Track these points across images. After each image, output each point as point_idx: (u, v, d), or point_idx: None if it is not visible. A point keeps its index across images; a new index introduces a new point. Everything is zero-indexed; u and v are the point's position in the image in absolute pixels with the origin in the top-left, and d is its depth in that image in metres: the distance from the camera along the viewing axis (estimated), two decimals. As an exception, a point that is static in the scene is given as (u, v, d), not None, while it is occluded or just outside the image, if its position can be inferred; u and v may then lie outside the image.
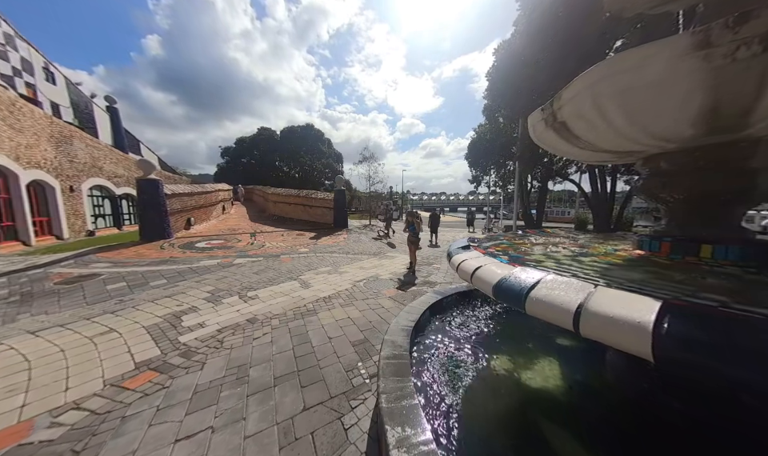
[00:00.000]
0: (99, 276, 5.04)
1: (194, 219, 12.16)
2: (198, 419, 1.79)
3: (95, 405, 1.92)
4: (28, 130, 8.99)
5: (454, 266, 1.64)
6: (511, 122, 14.30)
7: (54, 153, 10.09)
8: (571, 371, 1.90)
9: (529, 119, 1.65)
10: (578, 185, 14.69)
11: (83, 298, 3.99)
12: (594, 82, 1.12)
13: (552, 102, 1.36)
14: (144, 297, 4.06)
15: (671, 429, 1.31)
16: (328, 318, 3.40)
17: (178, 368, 2.35)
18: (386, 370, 1.72)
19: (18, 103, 8.76)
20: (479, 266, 1.32)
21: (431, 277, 5.47)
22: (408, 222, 6.07)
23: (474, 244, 1.92)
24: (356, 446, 1.58)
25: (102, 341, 2.80)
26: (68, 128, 11.19)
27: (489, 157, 17.62)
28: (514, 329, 2.63)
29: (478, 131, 18.14)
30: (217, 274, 5.33)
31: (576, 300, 0.81)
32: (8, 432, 1.69)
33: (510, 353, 2.17)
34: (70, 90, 16.39)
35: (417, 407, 1.34)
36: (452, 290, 3.34)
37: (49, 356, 2.53)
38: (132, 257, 6.63)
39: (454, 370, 1.94)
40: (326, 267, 6.02)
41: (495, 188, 22.25)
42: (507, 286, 1.03)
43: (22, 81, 13.49)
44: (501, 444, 1.41)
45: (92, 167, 12.12)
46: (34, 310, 3.60)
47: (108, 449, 1.57)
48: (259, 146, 36.42)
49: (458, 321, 2.78)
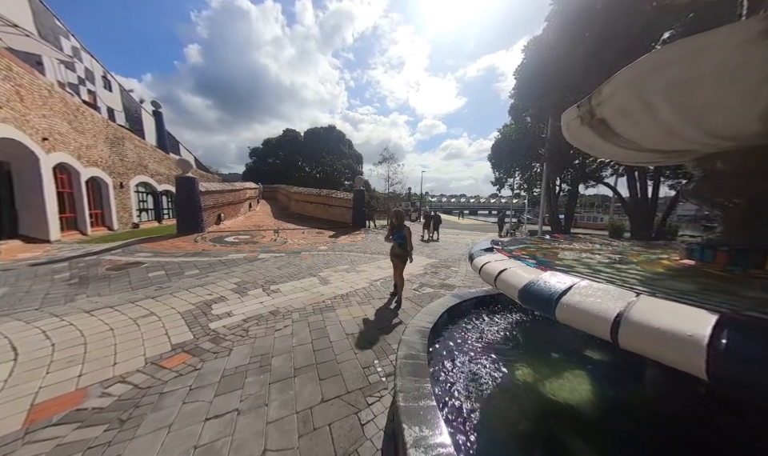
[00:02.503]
0: (142, 264, 5.55)
1: (223, 215, 12.98)
2: (226, 401, 1.90)
3: (138, 380, 2.12)
4: (88, 132, 10.15)
5: (476, 268, 1.59)
6: (540, 121, 13.60)
7: (109, 152, 11.29)
8: (601, 385, 1.77)
9: (562, 117, 1.56)
10: (614, 189, 13.60)
11: (129, 284, 4.42)
12: (640, 74, 1.03)
13: (590, 97, 1.28)
14: (179, 285, 4.41)
15: (716, 453, 1.17)
16: (345, 315, 3.46)
17: (208, 352, 2.52)
18: (403, 370, 1.72)
19: (81, 108, 9.93)
20: (504, 268, 1.27)
21: (449, 280, 5.36)
22: (391, 224, 3.89)
23: (498, 247, 1.85)
24: (372, 442, 1.59)
25: (144, 323, 3.09)
26: (120, 130, 12.48)
27: (514, 158, 16.87)
28: (537, 337, 2.50)
29: (503, 132, 17.45)
30: (243, 267, 5.64)
31: (615, 308, 0.75)
32: (67, 398, 1.92)
33: (532, 362, 2.06)
34: (123, 96, 18.28)
35: (434, 409, 1.32)
36: (471, 294, 3.25)
37: (100, 333, 2.83)
38: (170, 248, 7.22)
39: (471, 375, 1.89)
40: (344, 265, 6.13)
41: (519, 191, 21.27)
42: (535, 290, 0.98)
43: (85, 88, 15.27)
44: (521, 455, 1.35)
45: (138, 166, 13.39)
46: (89, 291, 4.04)
47: (148, 420, 1.72)
48: (284, 147, 38.03)
49: (477, 326, 2.69)
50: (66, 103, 9.08)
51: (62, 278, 4.60)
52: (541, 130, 14.33)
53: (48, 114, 8.24)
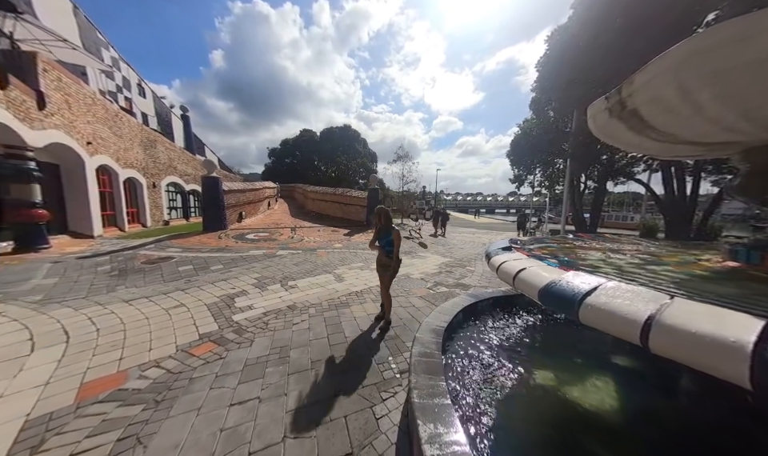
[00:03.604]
0: (172, 259, 5.95)
1: (244, 213, 13.57)
2: (248, 389, 2.01)
3: (170, 365, 2.29)
4: (126, 136, 11.00)
5: (493, 267, 1.56)
6: (563, 115, 12.90)
7: (143, 155, 12.17)
8: (628, 392, 1.67)
9: (588, 110, 1.48)
10: (647, 186, 12.64)
11: (161, 277, 4.76)
12: (680, 60, 0.95)
13: (620, 88, 1.20)
14: (205, 279, 4.68)
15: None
16: (360, 312, 3.51)
17: (232, 342, 2.67)
18: (418, 367, 1.72)
19: (119, 114, 10.78)
20: (523, 268, 1.23)
21: (464, 279, 5.26)
22: (376, 227, 3.00)
23: (517, 245, 1.79)
24: (386, 436, 1.61)
25: (175, 313, 3.32)
26: (153, 134, 13.40)
27: (534, 154, 16.13)
28: (558, 341, 2.40)
29: (523, 127, 16.74)
30: (263, 262, 5.87)
31: (645, 311, 0.71)
32: (111, 379, 2.11)
33: (552, 366, 1.98)
34: (155, 102, 19.59)
35: (450, 407, 1.31)
36: (488, 294, 3.17)
37: (137, 321, 3.08)
38: (197, 244, 7.68)
39: (488, 377, 1.86)
40: (359, 263, 6.20)
41: (540, 189, 20.34)
42: (557, 290, 0.95)
43: (123, 96, 16.52)
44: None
45: (169, 167, 14.32)
46: (127, 283, 4.41)
47: (180, 402, 1.86)
48: (301, 147, 38.98)
49: (493, 327, 2.63)
50: (106, 110, 9.90)
51: (104, 270, 5.04)
52: (564, 124, 13.59)
53: (92, 120, 9.03)
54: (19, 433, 1.60)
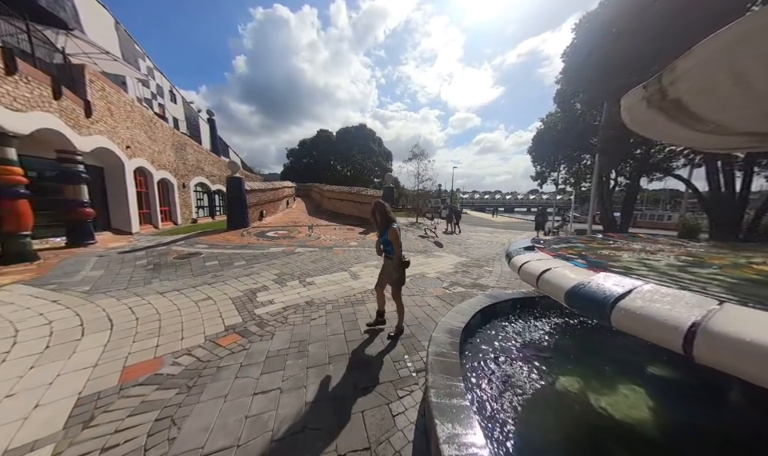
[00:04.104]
0: (200, 255, 6.34)
1: (265, 212, 14.13)
2: (270, 379, 2.10)
3: (200, 354, 2.45)
4: (159, 140, 11.83)
5: (514, 267, 1.51)
6: (592, 107, 12.09)
7: (174, 157, 13.03)
8: (664, 403, 1.54)
9: (622, 101, 1.38)
10: (688, 182, 11.55)
11: (191, 271, 5.09)
12: (735, 41, 0.86)
13: (660, 75, 1.11)
14: (230, 274, 4.94)
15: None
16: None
17: (255, 335, 2.80)
18: (435, 367, 1.71)
19: (154, 119, 11.61)
20: (548, 268, 1.18)
21: (482, 280, 5.12)
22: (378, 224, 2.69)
23: (540, 245, 1.72)
24: (403, 433, 1.62)
25: (203, 305, 3.54)
26: (183, 137, 14.30)
27: (559, 150, 15.26)
28: (584, 346, 2.27)
29: (547, 121, 15.90)
30: (282, 259, 6.09)
31: (689, 317, 0.66)
32: (148, 364, 2.30)
33: (578, 372, 1.88)
34: (185, 107, 20.89)
35: (468, 408, 1.29)
36: (507, 296, 3.07)
37: (170, 312, 3.32)
38: (221, 241, 8.11)
39: (507, 379, 1.80)
40: (374, 261, 6.24)
41: (565, 186, 19.26)
42: (586, 293, 0.90)
43: (157, 102, 17.78)
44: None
45: (197, 168, 15.22)
46: (161, 276, 4.76)
47: (209, 389, 1.99)
48: (318, 147, 39.84)
49: (514, 329, 2.55)
50: (143, 116, 10.71)
51: (141, 264, 5.47)
52: (593, 117, 12.75)
53: (130, 125, 9.81)
54: (73, 408, 1.79)
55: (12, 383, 2.01)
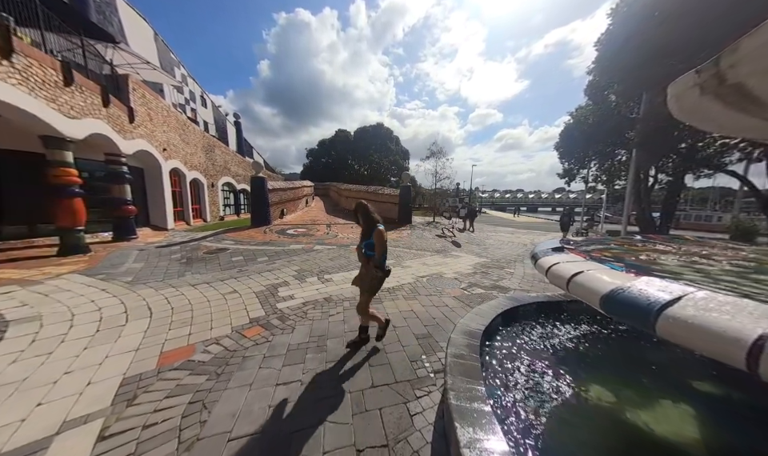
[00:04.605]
0: (227, 250, 6.71)
1: (285, 210, 14.65)
2: (291, 371, 2.18)
3: (227, 343, 2.60)
4: (191, 143, 12.68)
5: (541, 269, 1.43)
6: (629, 98, 11.15)
7: (204, 158, 13.90)
8: (714, 424, 1.39)
9: (670, 89, 1.25)
10: (743, 178, 10.31)
11: (219, 265, 5.41)
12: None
13: (717, 58, 0.99)
14: (254, 269, 5.19)
15: None
16: (392, 308, 3.54)
17: (277, 328, 2.92)
18: (454, 369, 1.68)
19: (187, 123, 12.46)
20: (579, 271, 1.11)
21: (503, 282, 4.94)
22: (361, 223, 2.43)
23: (570, 246, 1.62)
24: (421, 433, 1.61)
25: (230, 298, 3.75)
26: (212, 140, 15.21)
27: (590, 145, 14.25)
28: (618, 356, 2.11)
29: (576, 115, 14.91)
30: (302, 256, 6.28)
31: (754, 329, 0.58)
32: (182, 351, 2.48)
33: (612, 384, 1.75)
34: (214, 111, 22.20)
35: (489, 414, 1.25)
36: (531, 299, 2.94)
37: (201, 303, 3.55)
38: (246, 237, 8.53)
39: (532, 387, 1.72)
40: (390, 260, 6.23)
41: (596, 184, 17.98)
42: (626, 298, 0.83)
43: (189, 107, 19.05)
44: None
45: (224, 168, 16.12)
46: (193, 269, 5.11)
47: (235, 377, 2.11)
48: (336, 147, 40.55)
49: (538, 334, 2.43)
50: (177, 120, 11.53)
51: (176, 258, 5.91)
52: (629, 109, 11.79)
53: (167, 129, 10.60)
54: (119, 387, 1.98)
55: (70, 361, 2.26)
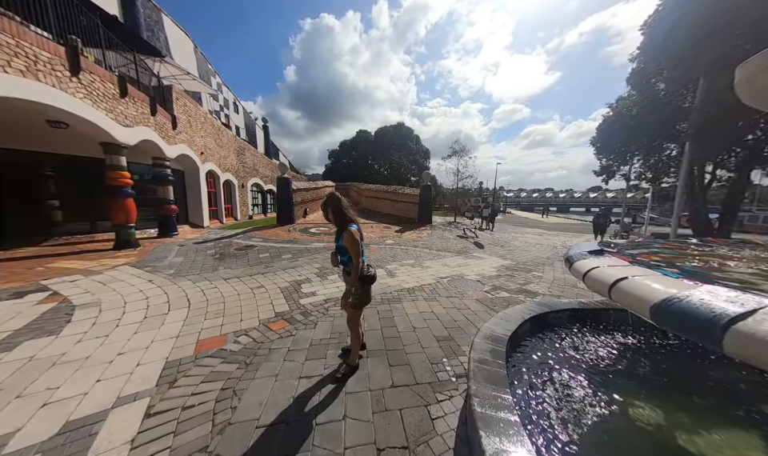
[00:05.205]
0: (255, 247, 7.11)
1: (308, 209, 15.18)
2: (313, 365, 2.25)
3: (255, 335, 2.75)
4: (225, 146, 13.61)
5: (577, 273, 1.32)
6: (682, 85, 9.92)
7: (236, 161, 14.85)
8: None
9: (738, 72, 1.08)
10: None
11: (247, 261, 5.74)
12: None
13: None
14: (278, 266, 5.43)
15: None
16: (412, 308, 3.50)
17: (300, 323, 3.03)
18: (478, 375, 1.61)
19: (221, 128, 13.41)
20: (624, 277, 1.00)
21: (530, 286, 4.67)
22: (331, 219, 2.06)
23: (611, 249, 1.48)
24: (443, 438, 1.57)
25: (258, 292, 3.96)
26: (243, 143, 16.20)
27: (633, 139, 12.90)
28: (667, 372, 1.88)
29: (617, 107, 13.61)
30: (323, 254, 6.46)
31: None
32: (216, 340, 2.67)
33: (660, 402, 1.57)
34: (245, 116, 23.65)
35: (518, 424, 1.18)
36: (563, 305, 2.74)
37: (232, 296, 3.80)
38: (272, 235, 8.97)
39: (565, 399, 1.60)
40: (410, 260, 6.19)
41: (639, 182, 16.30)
42: (683, 309, 0.73)
43: (223, 113, 20.48)
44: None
45: (253, 170, 17.10)
46: (225, 265, 5.48)
47: (262, 368, 2.22)
48: (357, 147, 41.15)
49: (571, 344, 2.25)
50: (213, 126, 12.45)
51: (210, 254, 6.38)
52: (682, 98, 10.52)
53: (203, 134, 11.48)
54: (162, 370, 2.18)
55: (122, 344, 2.54)
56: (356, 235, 1.93)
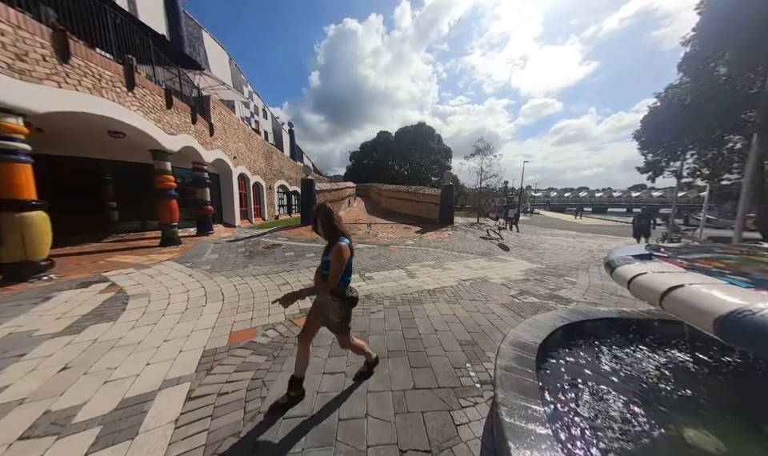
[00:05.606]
0: (281, 246, 7.46)
1: (331, 210, 15.61)
2: (336, 362, 2.30)
3: (281, 329, 2.89)
4: (254, 151, 14.47)
5: (621, 279, 1.21)
6: (748, 69, 8.68)
7: (264, 164, 15.72)
8: None
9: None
10: None
11: (274, 259, 6.04)
12: None
13: None
14: (302, 264, 5.64)
15: None
16: (433, 310, 3.45)
17: (323, 320, 3.12)
18: (505, 383, 1.54)
19: (251, 134, 14.29)
20: (679, 284, 0.90)
21: (562, 291, 4.36)
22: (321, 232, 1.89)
23: (662, 253, 1.33)
24: (467, 446, 1.52)
25: (283, 288, 4.15)
26: (270, 147, 17.10)
27: (686, 131, 11.48)
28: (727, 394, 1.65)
29: (666, 96, 12.21)
30: (346, 254, 6.59)
31: None
32: (247, 332, 2.84)
33: (720, 430, 1.38)
34: (273, 122, 24.98)
35: (551, 439, 1.11)
36: (601, 314, 2.52)
37: (261, 291, 4.02)
38: (296, 235, 9.35)
39: (603, 418, 1.47)
40: (430, 261, 6.09)
41: (693, 179, 14.48)
42: (756, 323, 0.64)
43: (254, 119, 21.80)
44: None
45: (279, 172, 17.97)
46: (254, 262, 5.81)
47: (289, 361, 2.32)
48: (378, 148, 41.50)
49: (611, 357, 2.07)
50: (244, 131, 13.30)
51: (241, 251, 6.81)
52: (749, 83, 9.21)
53: (236, 140, 12.31)
54: (201, 358, 2.37)
55: (167, 332, 2.80)
56: (346, 253, 1.71)
